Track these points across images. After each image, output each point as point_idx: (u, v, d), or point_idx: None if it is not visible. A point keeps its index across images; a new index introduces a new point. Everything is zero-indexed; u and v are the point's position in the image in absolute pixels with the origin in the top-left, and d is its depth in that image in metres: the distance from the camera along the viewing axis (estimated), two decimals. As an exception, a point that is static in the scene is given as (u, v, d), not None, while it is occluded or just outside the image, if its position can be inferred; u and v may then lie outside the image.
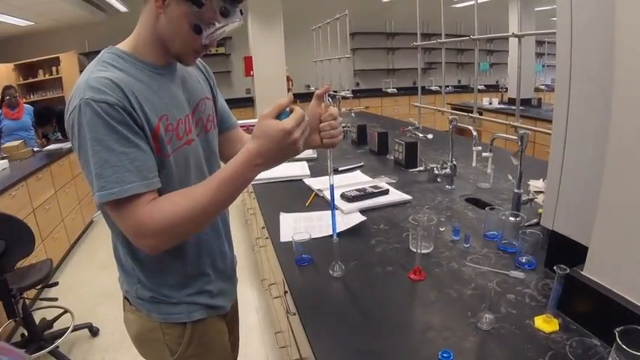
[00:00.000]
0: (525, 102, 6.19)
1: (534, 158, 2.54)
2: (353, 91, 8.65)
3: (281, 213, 1.70)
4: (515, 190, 1.50)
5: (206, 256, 1.12)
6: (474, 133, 1.80)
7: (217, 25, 0.91)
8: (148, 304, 1.08)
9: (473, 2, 1.65)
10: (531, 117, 5.35)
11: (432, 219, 1.31)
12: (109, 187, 0.83)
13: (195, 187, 0.89)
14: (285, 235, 1.50)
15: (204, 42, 0.93)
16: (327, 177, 2.18)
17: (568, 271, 0.91)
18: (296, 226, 1.57)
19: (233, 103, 7.99)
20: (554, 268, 0.91)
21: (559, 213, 1.14)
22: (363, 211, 1.68)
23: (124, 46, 0.96)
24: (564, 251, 1.12)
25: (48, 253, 3.55)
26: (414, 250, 1.28)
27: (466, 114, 1.92)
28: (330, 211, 1.63)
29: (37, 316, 3.01)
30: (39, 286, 2.81)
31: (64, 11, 5.56)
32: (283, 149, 0.87)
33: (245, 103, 7.98)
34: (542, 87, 7.05)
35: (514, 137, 1.49)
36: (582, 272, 0.96)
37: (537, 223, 1.39)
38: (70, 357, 2.68)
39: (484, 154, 1.68)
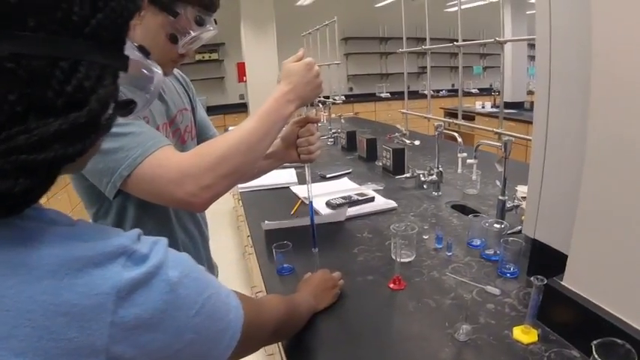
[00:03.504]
0: (518, 105, 6.20)
1: (525, 164, 2.52)
2: (346, 96, 8.67)
3: (265, 221, 1.68)
4: (500, 197, 1.50)
5: None
6: (459, 139, 1.80)
7: (193, 34, 0.92)
8: None
9: (464, 6, 1.65)
10: (524, 120, 5.35)
11: (414, 227, 1.30)
12: (132, 154, 0.81)
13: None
14: (268, 226, 1.50)
15: (181, 51, 0.95)
16: (314, 184, 2.19)
17: (545, 282, 0.90)
18: (280, 223, 1.58)
19: (227, 109, 7.99)
20: (532, 279, 0.91)
21: (540, 221, 1.14)
22: (347, 219, 1.67)
23: None
24: (546, 260, 1.11)
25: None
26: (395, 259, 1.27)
27: (451, 120, 1.91)
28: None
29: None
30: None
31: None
32: (310, 81, 0.96)
33: (238, 108, 7.98)
34: (534, 89, 7.05)
35: (498, 144, 1.48)
36: (562, 282, 0.95)
37: (521, 231, 1.38)
38: None
39: (469, 160, 1.68)
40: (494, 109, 6.63)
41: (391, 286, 1.16)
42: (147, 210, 1.00)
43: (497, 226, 1.41)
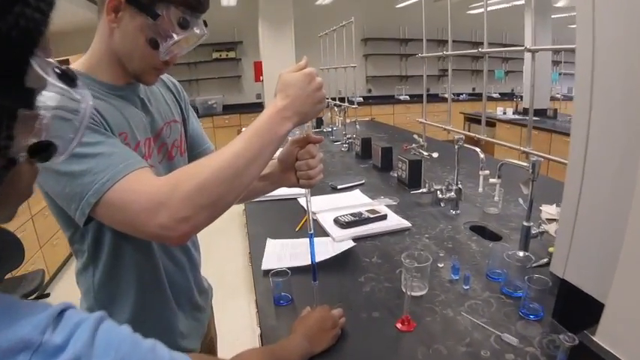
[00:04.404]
0: (540, 112, 5.98)
1: (548, 178, 2.35)
2: (365, 98, 8.52)
3: (268, 239, 1.57)
4: (525, 223, 1.36)
5: (163, 289, 0.99)
6: (481, 155, 1.66)
7: (176, 37, 0.81)
8: None
9: (487, 9, 1.51)
10: (547, 129, 5.16)
11: (428, 257, 1.17)
12: (99, 178, 0.70)
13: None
14: (268, 265, 1.38)
15: (163, 58, 0.84)
16: (324, 196, 2.07)
17: (577, 343, 0.77)
18: (281, 254, 1.44)
19: (243, 108, 7.92)
20: (560, 337, 0.77)
21: (572, 260, 1.00)
22: (356, 239, 1.54)
23: (78, 65, 0.86)
24: (575, 304, 0.98)
25: (46, 259, 3.49)
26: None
27: (473, 134, 1.77)
28: (321, 239, 1.53)
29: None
30: (31, 298, 2.73)
31: (73, 14, 5.52)
32: (310, 95, 0.83)
33: (255, 108, 7.89)
34: (559, 96, 6.84)
35: (524, 164, 1.34)
36: (594, 338, 0.81)
37: (547, 263, 1.24)
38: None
39: (491, 180, 1.53)
40: (517, 116, 6.43)
41: (399, 326, 1.03)
42: (125, 235, 0.88)
43: (521, 254, 1.28)
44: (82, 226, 0.77)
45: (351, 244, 1.44)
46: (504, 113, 6.61)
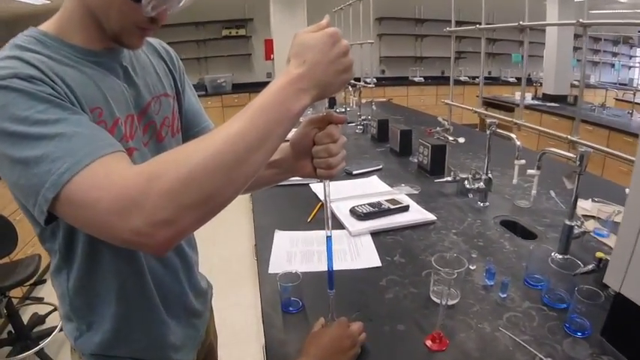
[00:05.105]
0: (561, 99, 5.78)
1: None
2: (378, 79, 8.29)
3: (276, 231, 1.42)
4: (567, 222, 1.19)
5: (150, 297, 0.83)
6: (518, 143, 1.48)
7: None
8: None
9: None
10: (566, 116, 4.97)
11: (463, 262, 1.02)
12: (56, 168, 0.54)
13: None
14: (276, 264, 1.23)
15: (149, 13, 0.66)
16: (338, 183, 1.91)
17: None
18: (291, 252, 1.29)
19: (253, 87, 7.72)
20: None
21: (632, 272, 0.85)
22: (375, 234, 1.39)
23: (47, 26, 0.69)
24: (632, 322, 0.83)
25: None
26: (436, 301, 1.00)
27: (510, 120, 1.60)
28: (336, 233, 1.37)
29: (30, 311, 2.90)
30: (27, 284, 2.63)
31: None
32: (333, 61, 0.64)
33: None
34: (577, 83, 6.60)
35: (570, 154, 1.17)
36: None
37: (594, 270, 1.09)
38: (60, 356, 2.55)
39: (529, 171, 1.36)
40: (536, 102, 6.21)
41: (428, 344, 0.88)
42: None
43: (560, 257, 1.13)
44: (43, 225, 0.61)
45: (377, 261, 1.24)
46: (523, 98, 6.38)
